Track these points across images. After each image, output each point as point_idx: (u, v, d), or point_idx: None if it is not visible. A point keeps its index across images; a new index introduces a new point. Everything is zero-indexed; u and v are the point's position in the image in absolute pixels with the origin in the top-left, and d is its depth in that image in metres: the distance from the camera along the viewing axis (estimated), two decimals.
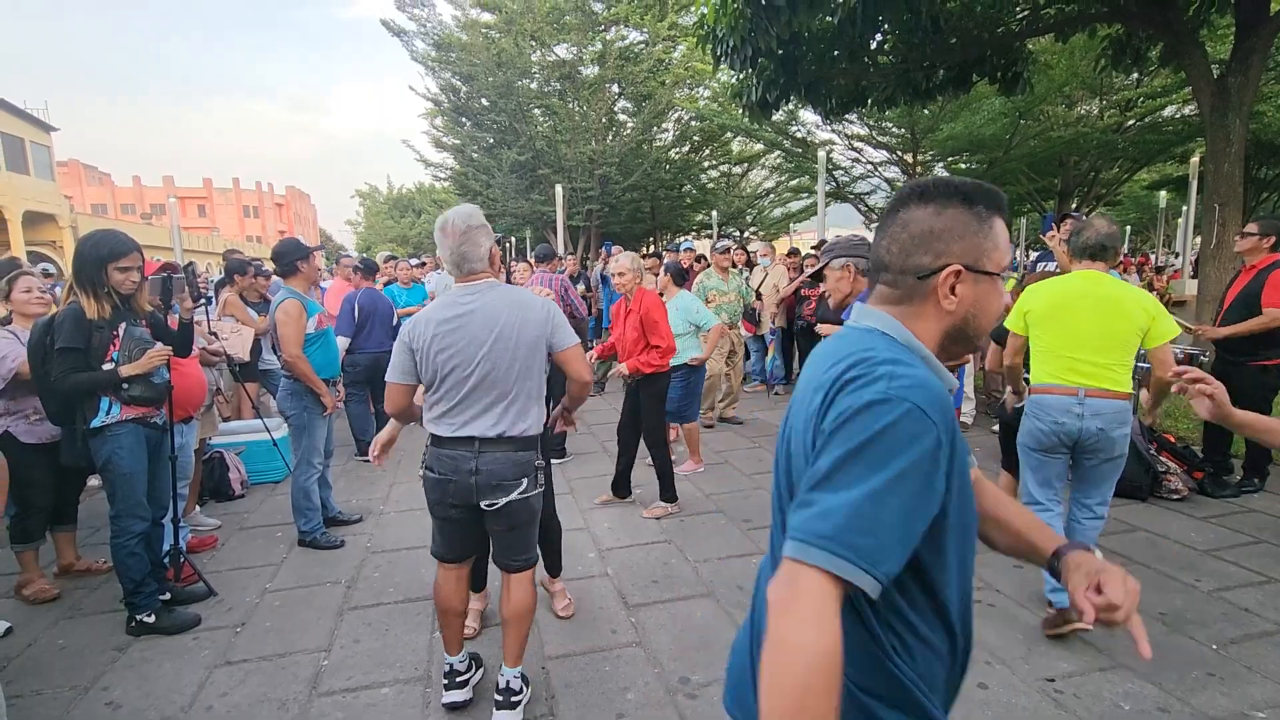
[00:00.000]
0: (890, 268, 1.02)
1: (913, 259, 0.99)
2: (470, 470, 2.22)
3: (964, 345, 1.03)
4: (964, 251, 0.97)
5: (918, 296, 1.00)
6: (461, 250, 2.23)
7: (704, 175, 22.31)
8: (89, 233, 2.97)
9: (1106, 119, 13.18)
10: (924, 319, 1.00)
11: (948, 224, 0.98)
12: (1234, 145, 6.37)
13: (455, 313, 2.21)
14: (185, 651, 2.89)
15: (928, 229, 0.98)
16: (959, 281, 0.97)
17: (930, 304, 0.99)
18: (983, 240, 0.98)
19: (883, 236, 1.04)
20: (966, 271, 0.97)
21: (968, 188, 1.00)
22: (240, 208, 58.38)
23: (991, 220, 0.99)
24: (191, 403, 3.54)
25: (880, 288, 1.05)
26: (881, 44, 8.13)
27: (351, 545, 3.96)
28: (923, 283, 0.99)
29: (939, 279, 0.97)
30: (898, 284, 1.02)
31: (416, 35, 18.06)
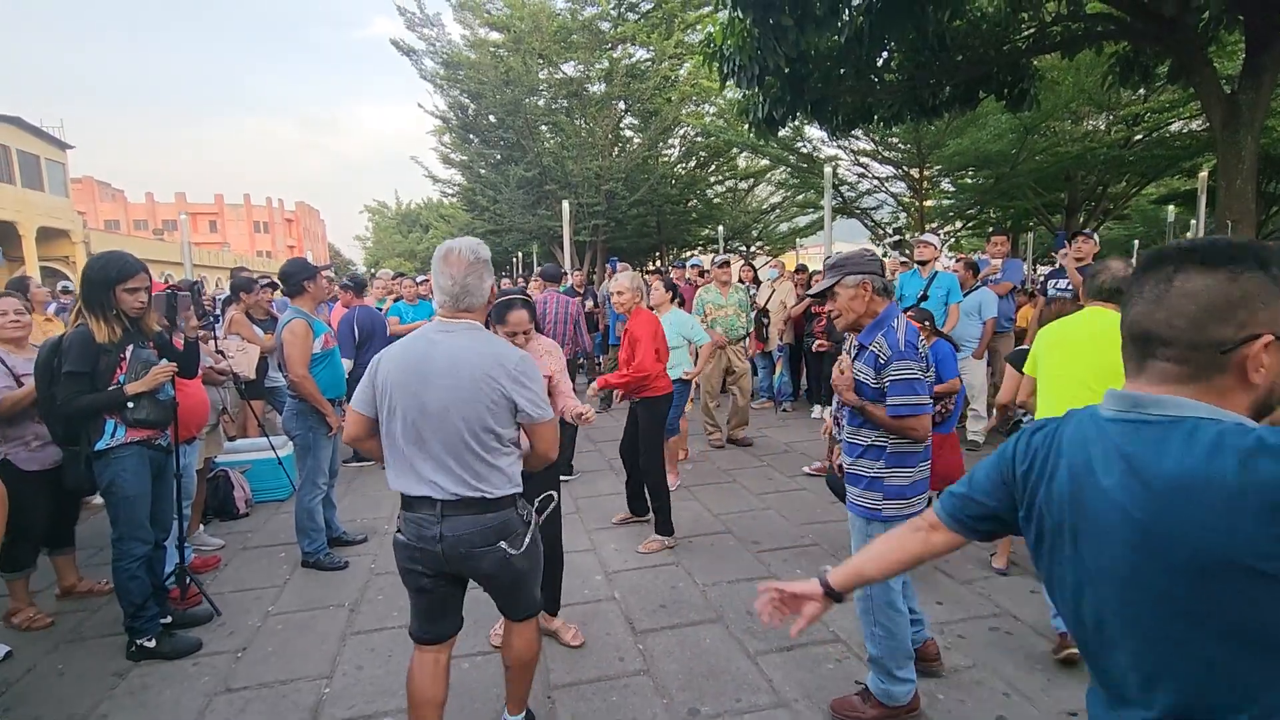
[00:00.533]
0: (1174, 342, 0.92)
1: (1209, 332, 0.90)
2: (434, 537, 1.95)
3: (1262, 415, 0.95)
4: (1271, 320, 0.89)
5: (1216, 372, 0.91)
6: (466, 282, 1.99)
7: (710, 190, 22.36)
8: (95, 256, 2.97)
9: (1114, 134, 13.15)
10: (1227, 395, 0.91)
11: (1249, 291, 0.89)
12: (1246, 162, 6.32)
13: (419, 349, 1.97)
14: (185, 678, 2.84)
15: (1224, 298, 0.90)
16: (1266, 352, 0.89)
17: (1232, 378, 0.91)
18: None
19: (1154, 307, 0.94)
20: (1275, 341, 0.89)
21: (1256, 249, 0.92)
22: (251, 223, 58.95)
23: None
24: (195, 422, 3.51)
25: (1158, 365, 0.94)
26: (888, 62, 8.15)
27: (355, 567, 3.91)
28: (1224, 357, 0.90)
29: (1249, 350, 0.89)
30: (1188, 360, 0.92)
31: (426, 54, 18.25)
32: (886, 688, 2.42)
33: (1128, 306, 0.98)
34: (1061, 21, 7.63)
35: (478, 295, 2.03)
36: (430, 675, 2.09)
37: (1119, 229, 24.67)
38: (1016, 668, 2.74)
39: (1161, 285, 0.94)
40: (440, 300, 2.03)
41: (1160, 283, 0.94)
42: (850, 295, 2.40)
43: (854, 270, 2.40)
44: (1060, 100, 11.32)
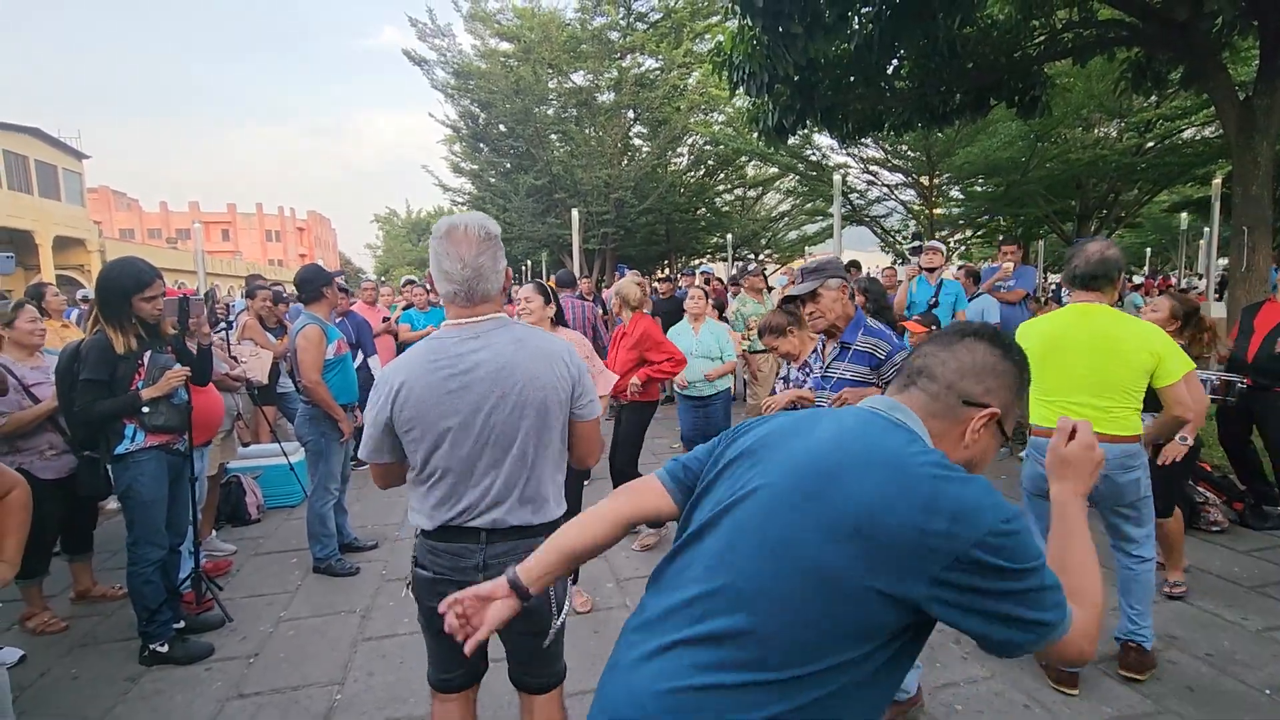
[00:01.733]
0: (938, 379, 1.09)
1: (965, 383, 1.08)
2: (476, 566, 1.66)
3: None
4: (1004, 403, 1.08)
5: (951, 417, 1.08)
6: (479, 263, 1.63)
7: (719, 198, 22.41)
8: (109, 264, 2.97)
9: (1125, 141, 13.07)
10: (945, 439, 1.07)
11: (1005, 371, 1.09)
12: (1261, 168, 6.26)
13: (450, 365, 1.64)
14: (198, 683, 2.84)
15: (990, 365, 1.08)
16: (985, 426, 1.07)
17: (957, 432, 1.08)
18: (1016, 400, 1.10)
19: (941, 350, 1.11)
20: (992, 421, 1.07)
21: (1023, 357, 1.12)
22: (263, 232, 59.50)
23: (1025, 389, 1.12)
24: (210, 425, 3.54)
25: (917, 391, 1.11)
26: (898, 69, 8.14)
27: (366, 572, 3.91)
28: (963, 409, 1.07)
29: (979, 413, 1.06)
30: (940, 398, 1.08)
31: (437, 64, 18.43)
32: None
33: (920, 349, 1.15)
34: (1073, 28, 7.60)
35: (494, 279, 1.67)
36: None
37: (1131, 237, 24.50)
38: (1035, 679, 2.70)
39: (957, 340, 1.12)
40: (449, 291, 1.65)
41: (958, 336, 1.13)
42: (833, 298, 2.48)
43: (835, 274, 2.51)
44: (1071, 107, 11.27)
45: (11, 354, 3.34)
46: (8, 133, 24.11)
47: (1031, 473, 2.72)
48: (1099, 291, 2.57)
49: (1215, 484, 4.23)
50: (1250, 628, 3.02)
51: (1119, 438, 2.47)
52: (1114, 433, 2.46)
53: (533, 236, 19.63)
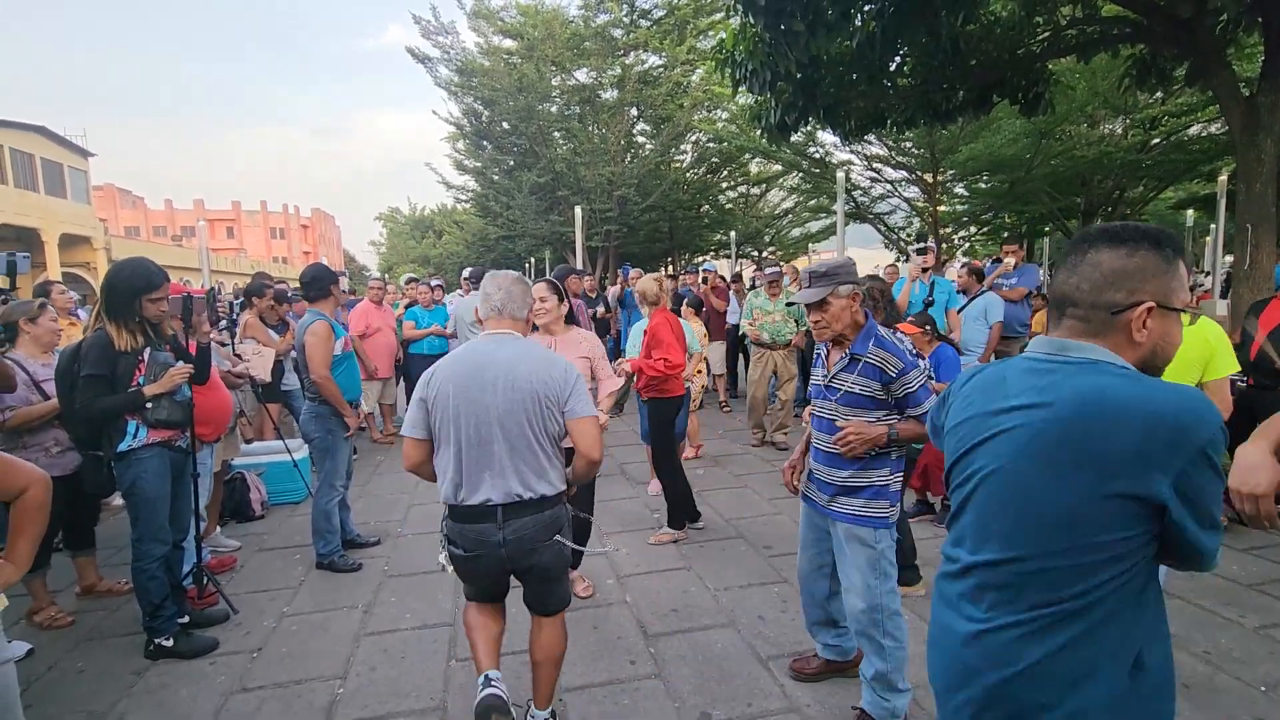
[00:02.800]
0: (1080, 303, 1.13)
1: (1105, 295, 1.10)
2: (498, 543, 2.12)
3: (1151, 374, 1.13)
4: (1155, 290, 1.09)
5: (1109, 330, 1.11)
6: (511, 289, 2.25)
7: (722, 196, 22.38)
8: (118, 264, 3.00)
9: (1130, 138, 13.02)
10: (1119, 350, 1.11)
11: (1140, 264, 1.09)
12: (1265, 165, 6.23)
13: (474, 360, 2.15)
14: (202, 677, 2.87)
15: (1120, 268, 1.09)
16: (1150, 317, 1.08)
17: (1121, 337, 1.10)
18: (1171, 280, 1.09)
19: (1071, 274, 1.14)
20: (1158, 308, 1.08)
21: (1157, 232, 1.11)
22: (267, 229, 59.68)
23: (1176, 262, 1.10)
24: (221, 421, 3.58)
25: (1068, 322, 1.15)
26: (901, 66, 8.12)
27: (369, 568, 3.94)
28: (1115, 318, 1.10)
29: (1133, 315, 1.09)
30: (1089, 319, 1.12)
31: (440, 62, 18.45)
32: (891, 704, 2.32)
33: (1055, 276, 1.18)
34: (1076, 25, 7.57)
35: (520, 305, 2.27)
36: (486, 613, 2.34)
37: None
38: None
39: (1077, 257, 1.14)
40: (487, 313, 2.27)
41: (1077, 254, 1.14)
42: (843, 305, 2.29)
43: (846, 280, 2.30)
44: (1075, 104, 11.23)
45: (26, 350, 3.38)
46: (13, 131, 24.21)
47: None
48: None
49: None
50: (1248, 625, 3.03)
51: None
52: None
53: (536, 234, 19.65)
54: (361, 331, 6.62)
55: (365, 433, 7.17)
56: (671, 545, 4.16)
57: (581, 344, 3.27)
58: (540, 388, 2.11)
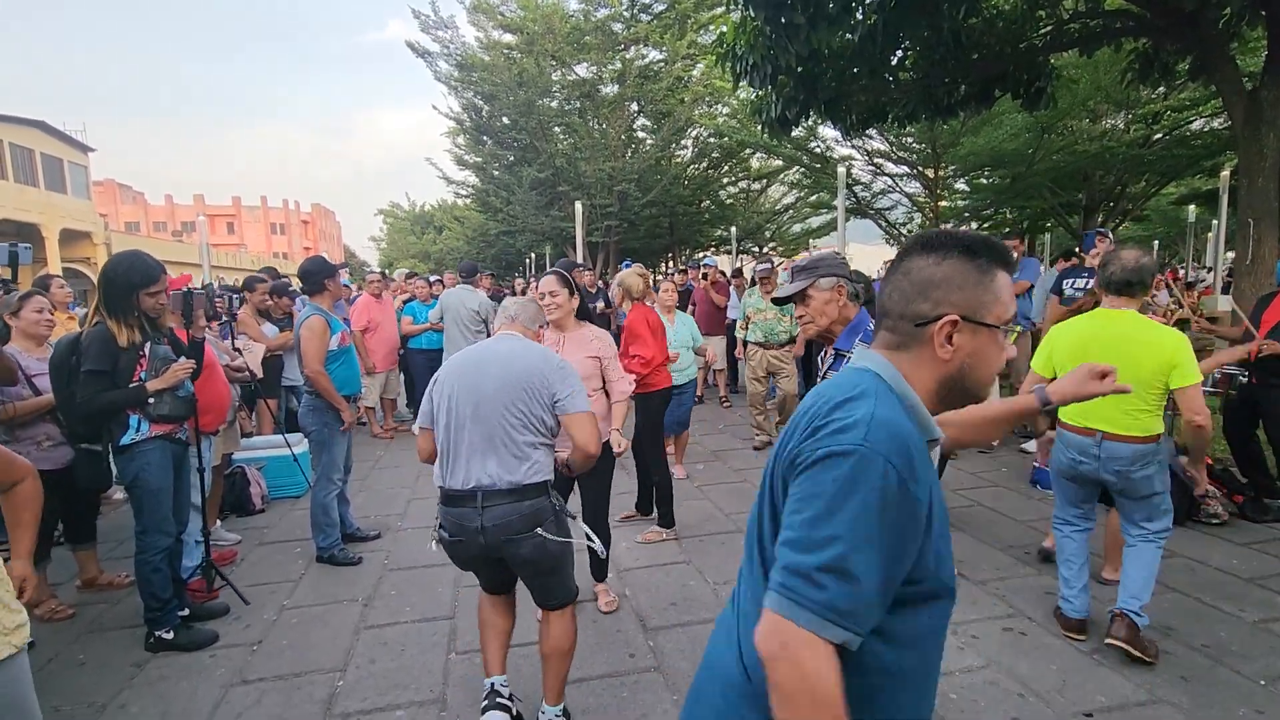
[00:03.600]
0: (891, 314, 1.04)
1: (912, 306, 1.01)
2: (477, 529, 2.16)
3: (961, 397, 1.04)
4: (963, 301, 0.98)
5: (915, 344, 1.01)
6: (526, 306, 2.48)
7: (723, 191, 22.32)
8: (115, 258, 2.99)
9: (1133, 133, 12.97)
10: (920, 367, 1.01)
11: (948, 274, 0.99)
12: (1267, 160, 6.20)
13: (477, 350, 2.29)
14: (202, 669, 2.88)
15: (927, 278, 1.00)
16: (956, 331, 0.98)
17: (926, 353, 1.01)
18: (983, 293, 0.99)
19: (887, 283, 1.06)
20: (964, 322, 0.98)
21: (970, 239, 1.01)
22: (267, 225, 59.62)
23: (993, 273, 1.00)
24: (220, 410, 3.58)
25: (882, 333, 1.07)
26: (902, 60, 8.09)
27: (369, 562, 3.95)
28: (920, 330, 1.00)
29: (935, 328, 0.99)
30: (897, 330, 1.03)
31: (440, 56, 18.37)
32: None
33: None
34: (1079, 18, 7.54)
35: (531, 319, 2.48)
36: (494, 608, 2.42)
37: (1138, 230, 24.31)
38: (1031, 668, 2.71)
39: (895, 265, 1.06)
40: (501, 323, 2.46)
41: (895, 263, 1.07)
42: (825, 299, 2.20)
43: (828, 272, 2.21)
44: (1078, 98, 11.19)
45: (19, 344, 3.37)
46: (13, 126, 24.18)
47: (1057, 458, 2.91)
48: (1132, 297, 2.71)
49: (1215, 477, 4.23)
50: (1247, 619, 3.03)
51: (1136, 438, 2.66)
52: (1133, 434, 2.65)
53: (536, 229, 19.61)
54: (363, 326, 6.63)
55: (365, 427, 7.19)
56: (673, 541, 4.16)
57: (592, 342, 3.16)
58: (530, 378, 2.18)
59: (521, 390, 2.17)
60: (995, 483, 5.12)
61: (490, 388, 2.17)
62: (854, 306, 2.24)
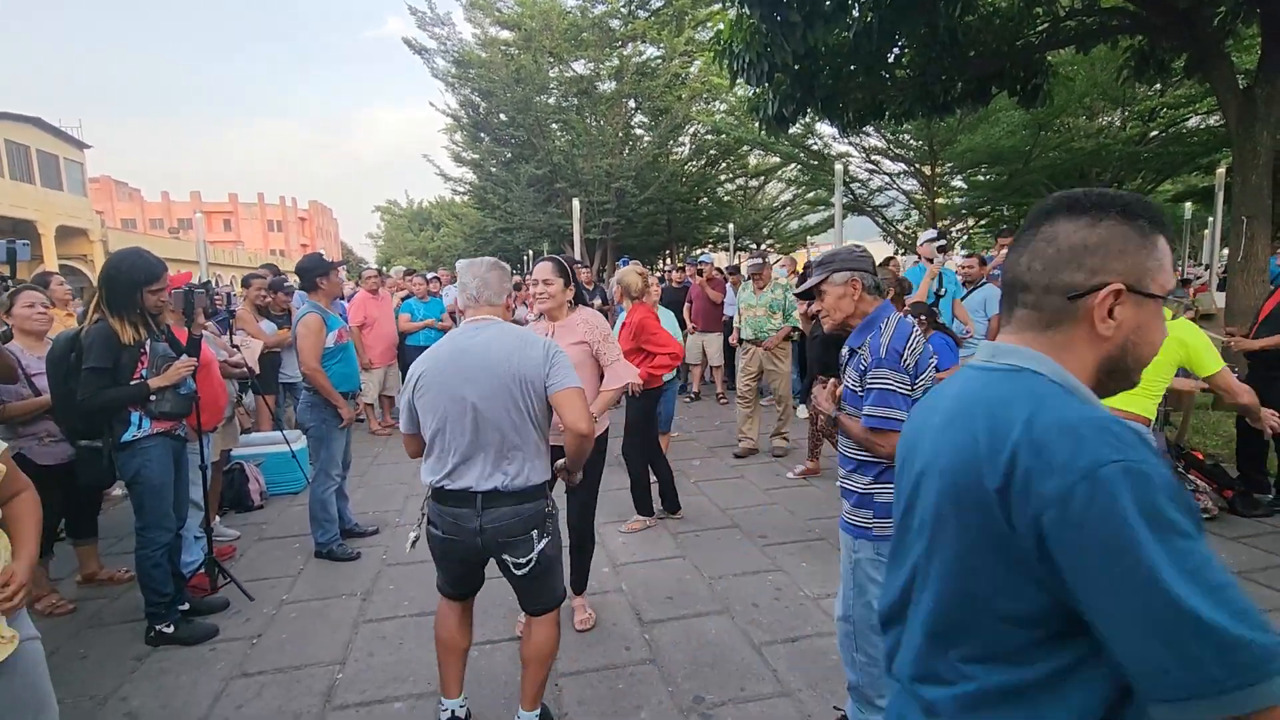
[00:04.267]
0: (1032, 287, 0.89)
1: (1062, 276, 0.87)
2: (475, 530, 2.07)
3: (1121, 380, 0.90)
4: (1125, 269, 0.85)
5: (1067, 321, 0.87)
6: (486, 277, 2.21)
7: (720, 188, 22.37)
8: (117, 255, 3.00)
9: (1129, 130, 13.03)
10: (1074, 349, 0.88)
11: (1106, 238, 0.85)
12: (1261, 157, 6.25)
13: (453, 350, 2.13)
14: (202, 662, 2.91)
15: (1080, 242, 0.86)
16: (1118, 303, 0.85)
17: (1082, 330, 0.87)
18: (1146, 259, 0.85)
19: (1022, 252, 0.91)
20: (1128, 292, 0.85)
21: (1128, 199, 0.88)
22: (264, 222, 59.50)
23: (1155, 238, 0.86)
24: (219, 407, 3.61)
25: (1020, 312, 0.91)
26: (899, 58, 8.11)
27: (368, 557, 3.98)
28: (1074, 305, 0.86)
29: (1095, 300, 0.85)
30: (1042, 306, 0.89)
31: (437, 53, 18.38)
32: (866, 717, 2.24)
33: (1006, 259, 0.95)
34: (1076, 16, 7.56)
35: (497, 291, 2.24)
36: (455, 622, 2.32)
37: None
38: None
39: (1030, 230, 0.91)
40: (465, 303, 2.25)
41: (1031, 228, 0.91)
42: (838, 294, 2.18)
43: (842, 266, 2.18)
44: (1074, 96, 11.24)
45: (20, 342, 3.38)
46: (9, 122, 24.11)
47: None
48: None
49: (1206, 472, 4.27)
50: None
51: (1128, 414, 2.74)
52: (1128, 410, 2.74)
53: (534, 226, 19.64)
54: (360, 322, 6.65)
55: (364, 423, 7.21)
56: (668, 536, 4.20)
57: (578, 327, 2.94)
58: (519, 370, 2.06)
59: (513, 390, 2.06)
60: None
61: (477, 393, 2.04)
62: (873, 300, 2.20)
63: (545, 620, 2.27)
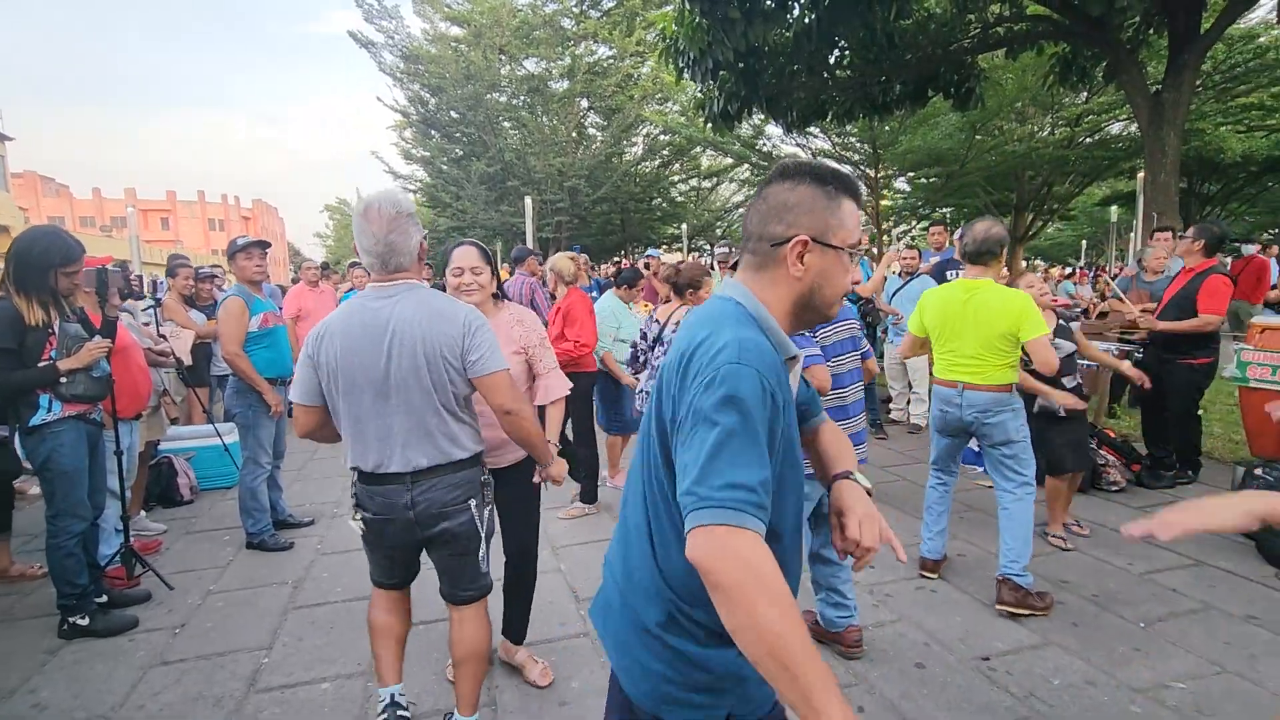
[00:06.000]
0: (751, 236, 1.13)
1: (768, 227, 1.10)
2: (406, 505, 1.91)
3: (813, 314, 1.13)
4: (811, 224, 1.07)
5: (771, 264, 1.10)
6: (390, 240, 1.86)
7: (674, 189, 22.53)
8: (29, 232, 2.86)
9: (1057, 134, 13.66)
10: (776, 286, 1.10)
11: (800, 198, 1.08)
12: (1169, 157, 6.66)
13: (362, 320, 1.87)
14: (120, 653, 2.81)
15: (781, 202, 1.09)
16: (806, 251, 1.07)
17: (781, 271, 1.09)
18: (829, 216, 1.08)
19: (750, 210, 1.15)
20: (813, 243, 1.07)
21: (821, 169, 1.11)
22: (205, 221, 57.28)
23: (840, 200, 1.09)
24: (141, 395, 3.48)
25: (745, 255, 1.15)
26: (840, 59, 8.35)
27: (301, 547, 3.90)
28: (775, 250, 1.09)
29: (788, 248, 1.07)
30: (756, 251, 1.12)
31: (385, 47, 18.05)
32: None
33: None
34: (1004, 22, 7.92)
35: (405, 254, 1.89)
36: (387, 608, 2.15)
37: (1068, 229, 25.56)
38: (938, 620, 2.88)
39: (759, 192, 1.15)
40: (368, 262, 1.90)
41: (757, 191, 1.15)
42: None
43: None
44: (1005, 100, 11.73)
45: None
46: None
47: (933, 412, 3.27)
48: (986, 265, 3.03)
49: (1116, 448, 4.54)
50: (1134, 571, 3.28)
51: (991, 387, 2.99)
52: (983, 383, 2.99)
53: (486, 224, 19.41)
54: (295, 314, 6.49)
55: None
56: (610, 519, 4.23)
57: (512, 330, 2.48)
58: (435, 347, 1.85)
59: (430, 364, 1.86)
60: (921, 460, 5.35)
61: (396, 370, 1.85)
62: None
63: (475, 612, 2.08)
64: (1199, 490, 4.39)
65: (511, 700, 2.44)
